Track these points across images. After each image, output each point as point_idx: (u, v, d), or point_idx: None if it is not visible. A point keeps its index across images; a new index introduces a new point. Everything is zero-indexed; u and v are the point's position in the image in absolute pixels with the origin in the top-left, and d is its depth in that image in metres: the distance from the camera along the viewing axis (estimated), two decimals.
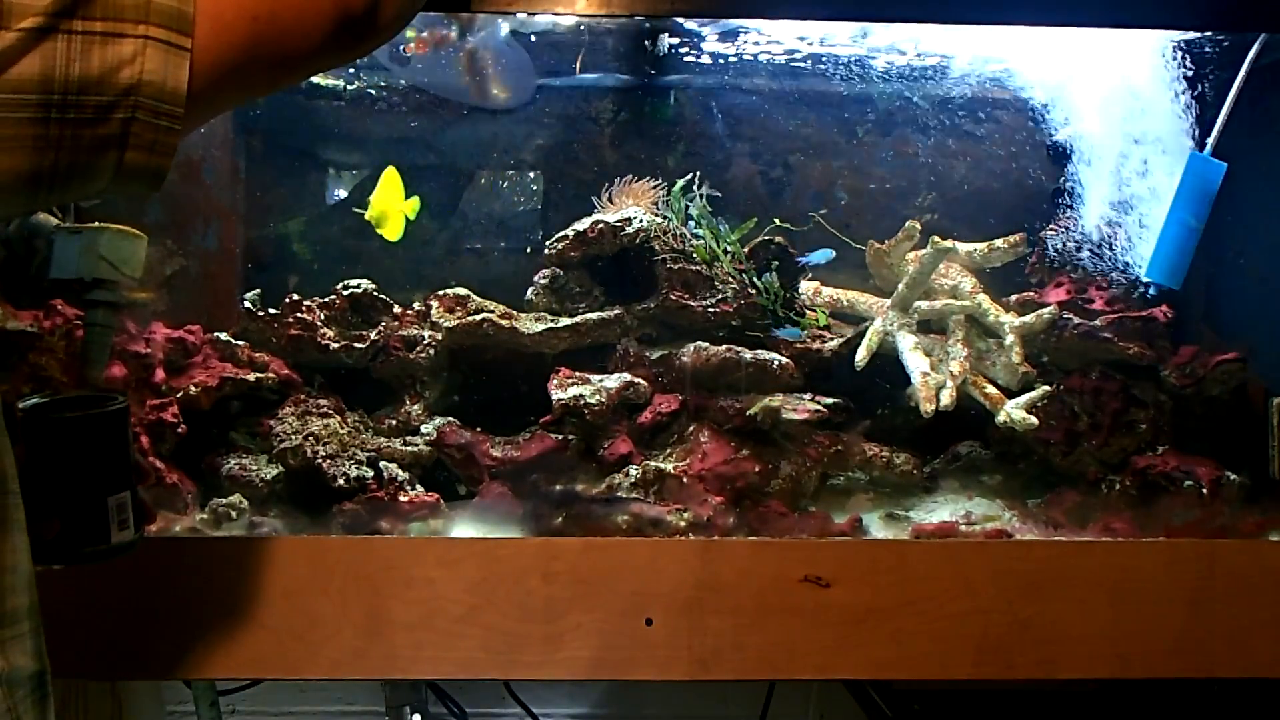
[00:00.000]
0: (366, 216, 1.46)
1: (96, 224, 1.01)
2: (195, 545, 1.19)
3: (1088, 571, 1.20)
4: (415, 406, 1.45)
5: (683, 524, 1.28)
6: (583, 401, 1.34)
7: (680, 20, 1.43)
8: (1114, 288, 1.48)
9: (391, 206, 1.46)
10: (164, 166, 0.68)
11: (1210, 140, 1.38)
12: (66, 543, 0.90)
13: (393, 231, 1.47)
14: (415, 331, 1.48)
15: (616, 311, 1.47)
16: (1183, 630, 1.20)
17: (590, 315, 1.46)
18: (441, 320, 1.45)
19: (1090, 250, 1.48)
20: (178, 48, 0.65)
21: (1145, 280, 1.43)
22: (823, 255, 1.42)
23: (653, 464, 1.34)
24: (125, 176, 0.67)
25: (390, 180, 1.47)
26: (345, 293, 1.49)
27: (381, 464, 1.32)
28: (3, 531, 0.69)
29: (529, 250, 1.64)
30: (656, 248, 1.47)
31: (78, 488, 0.91)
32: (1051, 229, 1.53)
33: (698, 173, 1.46)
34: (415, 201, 1.48)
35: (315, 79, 1.60)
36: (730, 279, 1.46)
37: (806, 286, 1.55)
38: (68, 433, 0.92)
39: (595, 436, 1.38)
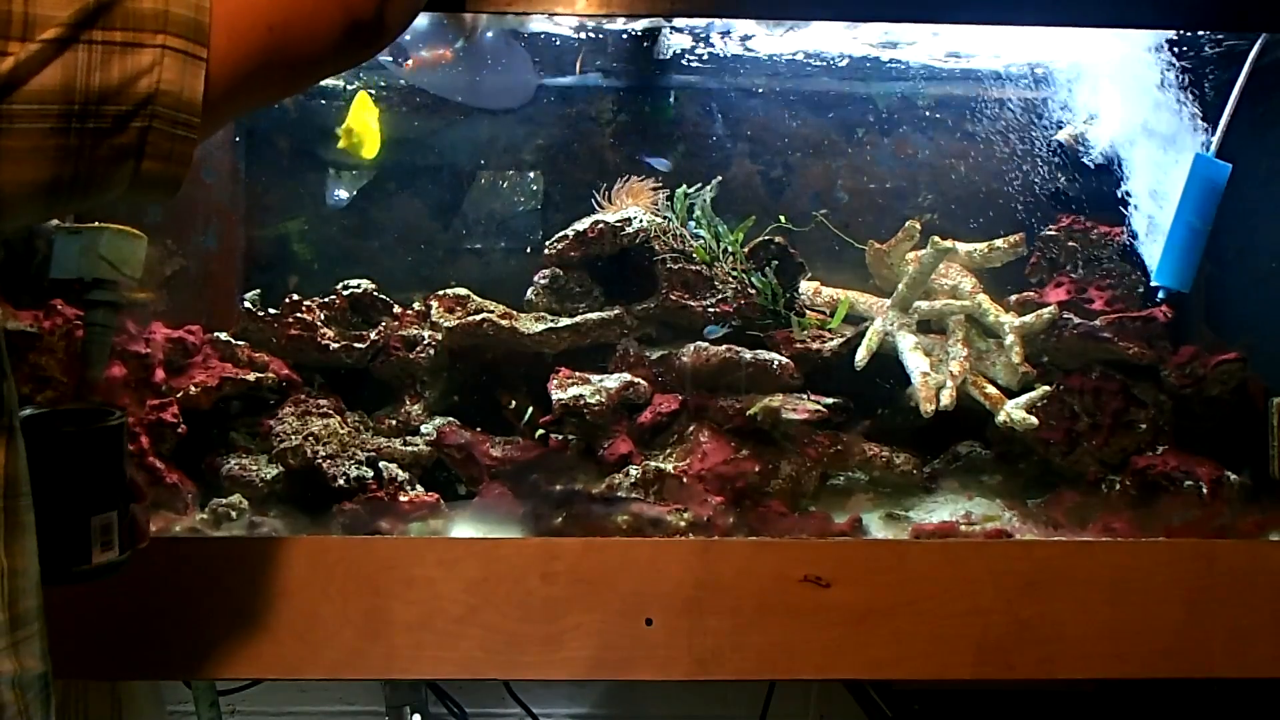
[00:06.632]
0: (339, 146, 1.47)
1: (96, 224, 1.01)
2: (195, 545, 1.19)
3: (1087, 571, 1.20)
4: (415, 406, 1.45)
5: (683, 524, 1.28)
6: (583, 401, 1.34)
7: (679, 21, 1.43)
8: (1115, 288, 1.48)
9: (364, 127, 1.46)
10: (180, 175, 0.68)
11: (1214, 141, 1.38)
12: (44, 561, 0.87)
13: (370, 151, 1.48)
14: (415, 331, 1.48)
15: (616, 311, 1.47)
16: (1182, 630, 1.20)
17: (590, 315, 1.46)
18: (441, 320, 1.45)
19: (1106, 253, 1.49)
20: (194, 57, 0.66)
21: (1155, 285, 1.43)
22: (714, 330, 1.43)
23: (653, 464, 1.34)
24: (141, 185, 0.67)
25: (362, 104, 1.47)
26: (345, 293, 1.49)
27: (381, 464, 1.32)
28: (16, 534, 0.69)
29: (529, 250, 1.63)
30: (656, 248, 1.47)
31: (61, 506, 0.87)
32: (1053, 229, 1.53)
33: (719, 179, 1.48)
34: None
35: None
36: (730, 279, 1.46)
37: (806, 286, 1.55)
38: (57, 449, 0.87)
39: (595, 436, 1.38)
